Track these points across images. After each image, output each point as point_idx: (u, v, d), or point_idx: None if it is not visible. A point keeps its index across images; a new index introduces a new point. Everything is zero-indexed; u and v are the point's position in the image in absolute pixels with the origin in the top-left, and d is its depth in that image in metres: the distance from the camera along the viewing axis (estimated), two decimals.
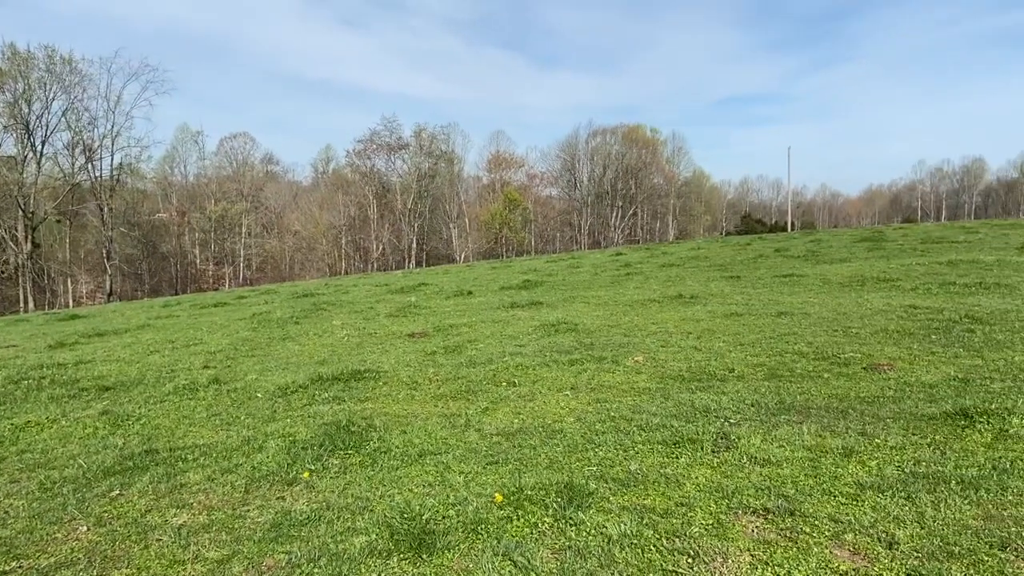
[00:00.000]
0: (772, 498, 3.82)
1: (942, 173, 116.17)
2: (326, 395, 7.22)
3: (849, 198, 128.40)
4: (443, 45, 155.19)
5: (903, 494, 3.72)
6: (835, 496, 3.79)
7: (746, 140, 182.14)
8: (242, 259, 73.04)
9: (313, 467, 5.08)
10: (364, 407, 6.67)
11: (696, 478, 4.22)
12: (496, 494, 4.13)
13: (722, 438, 4.81)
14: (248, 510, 4.40)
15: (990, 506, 3.51)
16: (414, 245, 73.35)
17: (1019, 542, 3.13)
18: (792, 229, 57.77)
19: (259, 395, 7.51)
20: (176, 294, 51.83)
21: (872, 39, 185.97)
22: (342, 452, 5.36)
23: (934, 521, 3.41)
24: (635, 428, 5.30)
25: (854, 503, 3.69)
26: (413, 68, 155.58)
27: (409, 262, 70.93)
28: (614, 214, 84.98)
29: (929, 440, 4.53)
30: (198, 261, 72.24)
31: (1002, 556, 3.06)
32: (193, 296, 29.28)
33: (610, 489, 4.14)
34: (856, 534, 3.37)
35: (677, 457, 4.60)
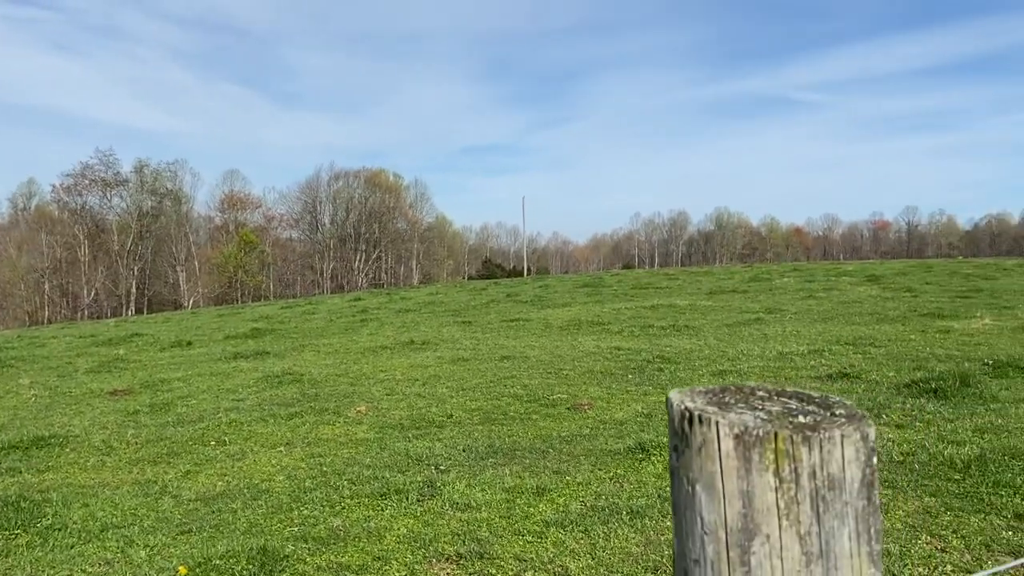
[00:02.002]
0: (466, 543, 3.94)
1: (654, 224, 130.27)
2: None
3: (578, 245, 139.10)
4: (173, 77, 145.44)
5: (581, 528, 4.04)
6: (523, 535, 4.01)
7: (486, 188, 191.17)
8: None
9: None
10: (43, 478, 5.91)
11: (398, 529, 4.24)
12: (180, 567, 3.83)
13: (428, 486, 4.90)
14: None
15: (651, 532, 3.92)
16: (134, 290, 67.09)
17: (669, 565, 3.53)
18: (528, 274, 61.27)
19: None
20: None
21: (598, 100, 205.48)
22: (6, 532, 4.68)
23: (604, 551, 3.74)
24: (346, 482, 5.23)
25: (539, 540, 3.93)
26: (137, 98, 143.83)
27: (127, 309, 64.66)
28: (358, 258, 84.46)
29: (611, 474, 4.97)
30: None
31: None
32: None
33: (308, 549, 4.03)
34: (536, 571, 3.59)
35: (383, 509, 4.60)
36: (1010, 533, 3.71)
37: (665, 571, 3.48)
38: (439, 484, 4.93)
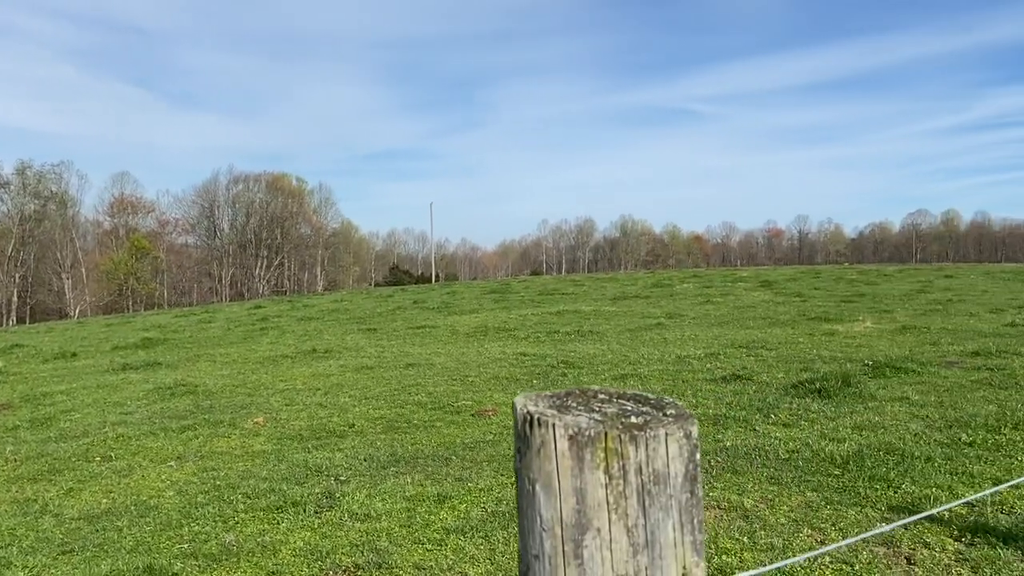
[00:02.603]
0: (365, 553, 3.90)
1: (561, 231, 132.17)
2: None
3: (487, 251, 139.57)
4: (59, 74, 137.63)
5: (482, 534, 4.06)
6: (423, 544, 3.99)
7: (394, 193, 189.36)
8: None
9: None
10: None
11: (294, 543, 4.15)
12: None
13: (327, 497, 4.81)
14: None
15: None
16: (15, 299, 63.10)
17: None
18: (436, 281, 61.02)
19: None
20: None
21: (505, 106, 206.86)
22: None
23: (504, 556, 3.77)
24: (240, 496, 5.08)
25: (439, 548, 3.92)
26: (19, 97, 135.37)
27: (8, 318, 60.75)
28: (259, 264, 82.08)
29: (514, 480, 5.01)
30: None
31: None
32: None
33: (199, 566, 3.89)
34: None
35: (279, 523, 4.49)
36: (884, 524, 3.95)
37: None
38: (338, 495, 4.85)
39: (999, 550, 3.56)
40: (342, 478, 5.35)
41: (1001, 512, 4.01)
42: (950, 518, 3.96)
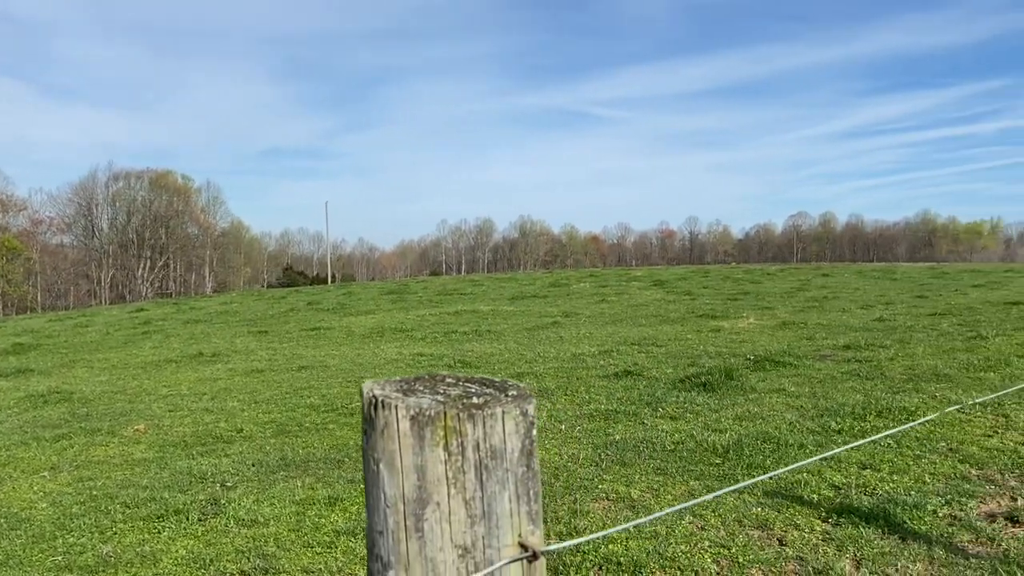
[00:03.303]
0: (251, 560, 3.80)
1: (461, 231, 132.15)
2: None
3: (385, 252, 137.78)
4: None
5: None
6: (313, 547, 3.93)
7: (288, 193, 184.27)
8: None
9: None
10: None
11: (176, 551, 4.00)
12: None
13: (212, 504, 4.66)
14: None
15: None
16: None
17: None
18: (332, 282, 59.80)
19: None
20: None
21: (404, 106, 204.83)
22: None
23: None
24: (119, 506, 4.85)
25: (328, 551, 3.87)
26: None
27: None
28: (142, 265, 78.27)
29: None
30: None
31: None
32: None
33: None
34: None
35: (160, 532, 4.32)
36: (759, 509, 4.17)
37: None
38: (224, 501, 4.71)
39: (862, 529, 3.82)
40: (228, 484, 5.19)
41: (864, 494, 4.30)
42: (819, 500, 4.22)
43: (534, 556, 0.67)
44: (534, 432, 0.69)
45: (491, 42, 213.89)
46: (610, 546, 3.66)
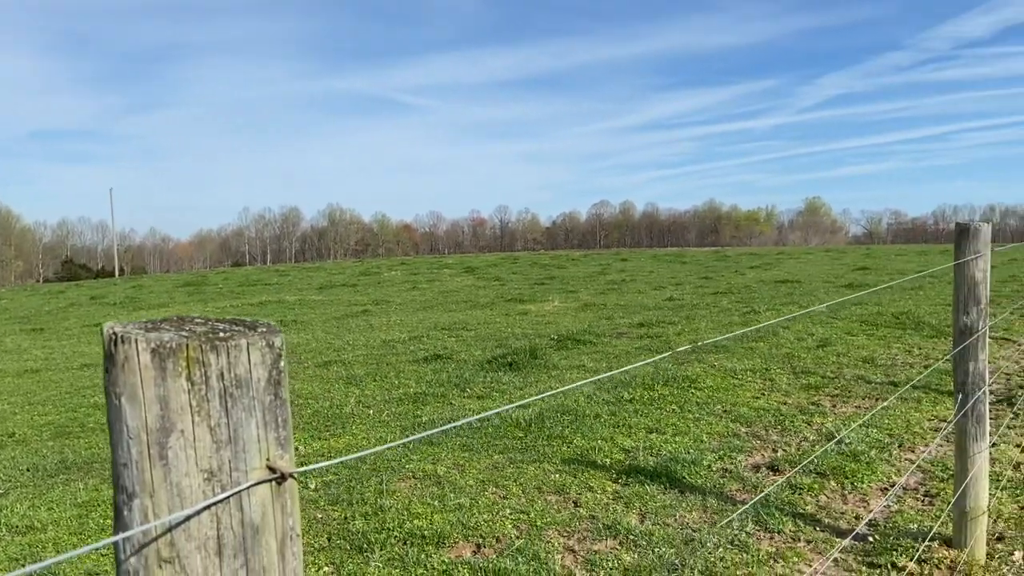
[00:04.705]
0: (27, 566, 3.48)
1: (265, 220, 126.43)
2: None
3: (180, 242, 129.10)
4: None
5: None
6: (100, 550, 3.67)
7: (65, 179, 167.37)
8: None
9: None
10: None
11: None
12: None
13: None
14: None
15: None
16: None
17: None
18: (120, 274, 55.18)
19: None
20: None
21: (200, 86, 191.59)
22: None
23: None
24: None
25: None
26: None
27: None
28: None
29: None
30: None
31: None
32: None
33: None
34: None
35: None
36: (557, 475, 4.41)
37: None
38: None
39: (647, 486, 4.16)
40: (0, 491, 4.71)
41: (650, 455, 4.68)
42: (611, 464, 4.53)
43: (282, 477, 0.70)
44: (281, 363, 0.72)
45: (292, 22, 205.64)
46: (415, 521, 3.73)
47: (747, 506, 3.83)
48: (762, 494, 3.98)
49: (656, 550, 3.39)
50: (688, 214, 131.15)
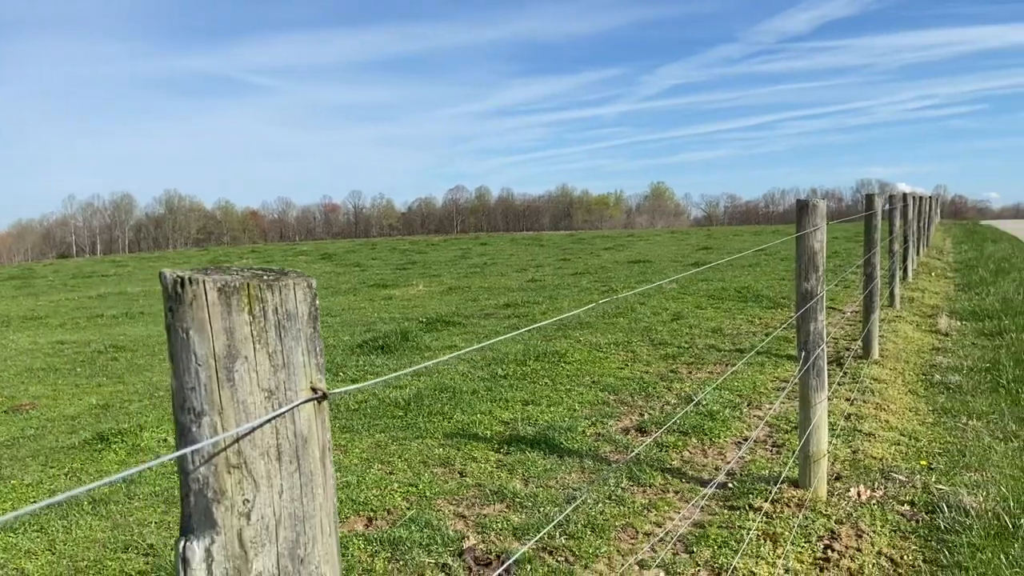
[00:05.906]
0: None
1: (94, 208, 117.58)
2: None
3: None
4: None
5: (36, 527, 3.64)
6: None
7: None
8: None
9: None
10: None
11: None
12: None
13: None
14: None
15: (118, 516, 3.75)
16: None
17: (140, 542, 3.44)
18: None
19: None
20: None
21: (18, 64, 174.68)
22: None
23: (65, 544, 3.45)
24: None
25: None
26: None
27: None
28: None
29: (67, 469, 4.55)
30: None
31: (124, 557, 3.32)
32: None
33: None
34: None
35: None
36: (441, 449, 4.54)
37: (136, 548, 3.39)
38: None
39: (528, 453, 4.38)
40: None
41: (528, 425, 4.91)
42: (492, 435, 4.72)
43: (323, 396, 0.81)
44: (317, 302, 0.84)
45: None
46: None
47: (620, 464, 4.14)
48: (633, 453, 4.30)
49: (541, 509, 3.61)
50: (543, 199, 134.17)
